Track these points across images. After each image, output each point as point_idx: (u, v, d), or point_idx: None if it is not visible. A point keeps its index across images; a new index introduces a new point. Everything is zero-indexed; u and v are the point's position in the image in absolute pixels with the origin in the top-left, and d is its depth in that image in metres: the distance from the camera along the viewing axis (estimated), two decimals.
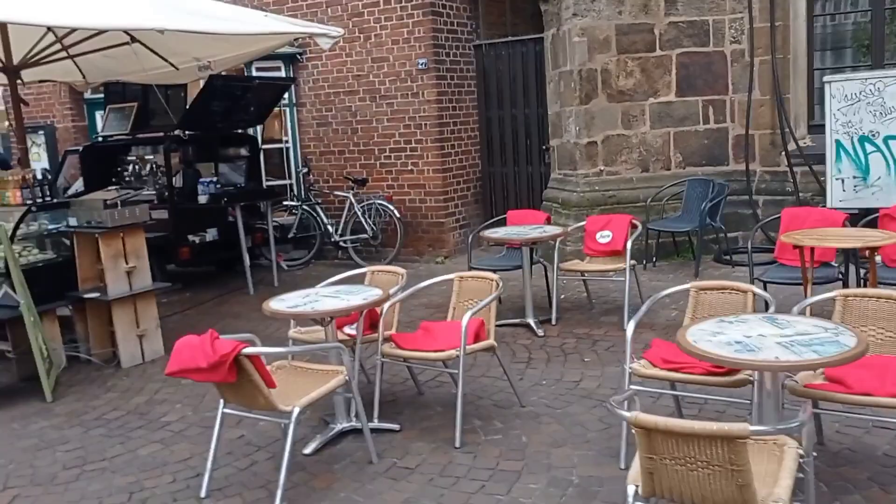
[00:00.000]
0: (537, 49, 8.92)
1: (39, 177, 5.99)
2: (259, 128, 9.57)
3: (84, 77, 8.57)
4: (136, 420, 4.76)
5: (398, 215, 8.83)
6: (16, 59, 6.82)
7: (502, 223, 7.01)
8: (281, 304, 4.08)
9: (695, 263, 7.35)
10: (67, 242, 6.07)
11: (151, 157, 8.65)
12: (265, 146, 9.64)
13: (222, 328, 6.83)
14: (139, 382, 5.49)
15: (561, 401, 4.53)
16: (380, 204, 8.93)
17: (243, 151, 9.00)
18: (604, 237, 6.30)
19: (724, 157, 8.26)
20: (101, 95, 11.69)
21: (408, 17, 8.78)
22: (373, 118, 9.22)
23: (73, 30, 6.51)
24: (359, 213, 8.98)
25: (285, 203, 9.43)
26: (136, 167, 8.76)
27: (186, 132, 8.22)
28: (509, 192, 9.44)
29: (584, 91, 8.02)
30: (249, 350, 3.33)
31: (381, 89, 9.11)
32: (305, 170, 9.39)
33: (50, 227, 6.02)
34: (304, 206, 9.39)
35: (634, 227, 6.18)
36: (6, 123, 17.43)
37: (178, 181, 8.26)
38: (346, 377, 3.72)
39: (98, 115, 11.81)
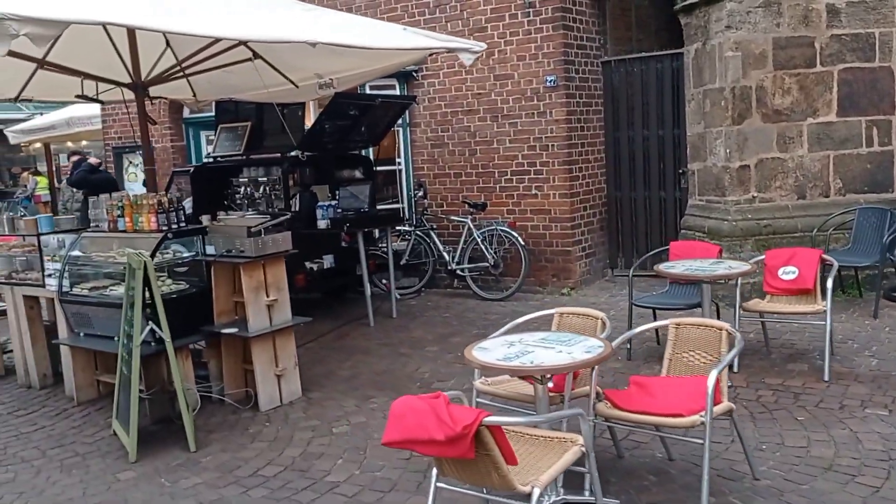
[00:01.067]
0: (675, 65, 8.27)
1: (173, 200, 5.56)
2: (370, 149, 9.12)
3: (194, 95, 8.23)
4: (298, 478, 4.21)
5: (522, 243, 8.22)
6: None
7: (659, 255, 6.35)
8: (487, 355, 3.49)
9: (875, 301, 6.56)
10: (200, 272, 5.63)
11: (264, 178, 8.22)
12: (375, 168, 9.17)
13: (356, 366, 6.40)
14: (285, 429, 4.96)
15: (799, 473, 3.83)
16: (502, 230, 8.35)
17: (358, 174, 8.54)
18: (788, 274, 5.59)
19: (888, 184, 7.47)
20: (200, 115, 11.47)
21: (536, 32, 8.23)
22: (493, 139, 8.67)
23: (209, 46, 6.11)
24: (478, 240, 8.41)
25: (397, 228, 8.92)
26: (248, 189, 8.35)
27: (304, 153, 7.78)
28: (638, 218, 8.77)
29: (737, 110, 7.33)
30: (491, 420, 2.74)
31: (503, 108, 8.56)
32: (420, 193, 8.87)
33: (185, 255, 5.58)
34: (418, 232, 8.88)
35: (826, 263, 5.45)
36: (101, 143, 17.48)
37: (294, 204, 7.82)
38: (583, 448, 3.10)
39: (204, 135, 11.58)
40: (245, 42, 5.78)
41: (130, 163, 11.84)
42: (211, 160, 8.75)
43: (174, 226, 5.48)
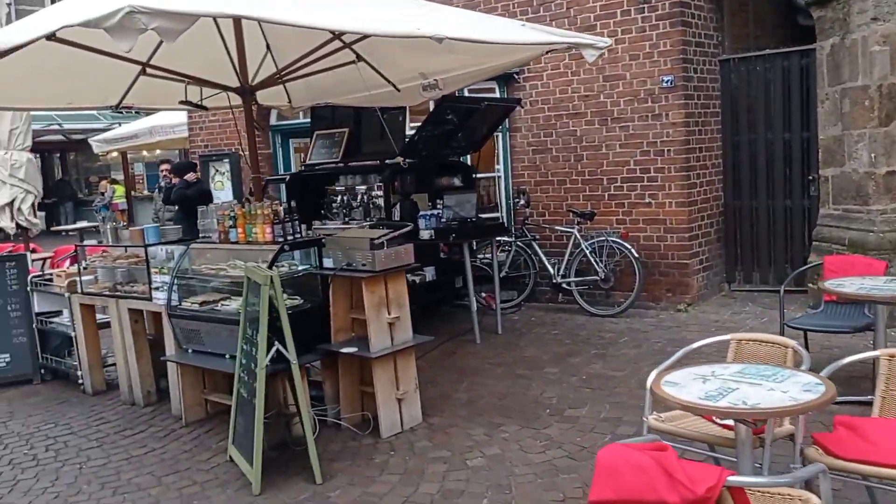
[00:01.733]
0: (803, 63, 7.63)
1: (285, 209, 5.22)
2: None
3: (290, 101, 7.94)
4: None
5: (636, 255, 7.68)
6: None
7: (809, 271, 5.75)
8: (682, 391, 3.00)
9: None
10: (314, 286, 5.28)
11: (362, 187, 7.87)
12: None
13: (472, 388, 5.82)
14: (414, 461, 4.54)
15: None
16: (613, 241, 7.82)
17: (457, 181, 8.13)
18: None
19: None
20: (287, 122, 11.26)
21: (651, 29, 7.69)
22: (602, 144, 8.16)
23: (318, 48, 5.77)
24: (587, 252, 7.89)
25: (497, 239, 8.47)
26: (345, 198, 8.01)
27: (406, 160, 7.39)
28: (759, 228, 8.13)
29: (884, 110, 6.67)
30: (736, 479, 2.25)
31: (613, 111, 8.04)
32: (522, 201, 8.40)
33: (299, 268, 5.24)
34: (518, 243, 8.41)
35: None
36: (177, 151, 17.54)
37: (394, 214, 7.45)
38: None
39: (291, 142, 11.36)
40: (367, 36, 5.39)
41: (217, 171, 11.68)
42: (305, 168, 8.45)
43: (290, 237, 5.14)
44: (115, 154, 29.79)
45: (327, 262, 5.07)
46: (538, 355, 6.61)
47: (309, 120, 8.94)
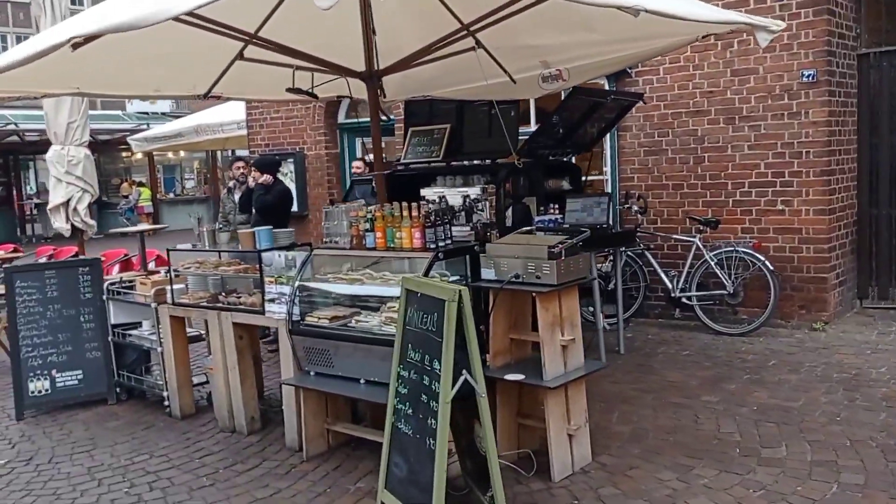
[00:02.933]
0: None
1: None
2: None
3: (383, 94, 7.20)
4: None
5: (771, 268, 6.90)
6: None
7: None
8: None
9: None
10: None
11: (464, 189, 7.12)
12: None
13: (627, 419, 4.89)
14: None
15: None
16: (745, 253, 7.04)
17: (566, 184, 7.37)
18: None
19: None
20: (355, 120, 10.54)
21: (791, 18, 6.93)
22: (728, 145, 7.39)
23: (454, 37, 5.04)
24: (711, 263, 7.12)
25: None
26: (444, 201, 7.25)
27: (522, 159, 6.64)
28: None
29: None
30: None
31: (742, 108, 7.28)
32: (636, 207, 7.63)
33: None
34: (629, 252, 7.64)
35: None
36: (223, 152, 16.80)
37: (507, 219, 6.68)
38: None
39: (358, 141, 10.64)
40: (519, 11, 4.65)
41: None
42: (398, 168, 7.70)
43: (442, 243, 4.39)
44: (140, 156, 29.36)
45: (487, 274, 4.31)
46: (684, 380, 5.83)
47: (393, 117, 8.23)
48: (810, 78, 6.90)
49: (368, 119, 10.21)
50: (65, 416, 5.90)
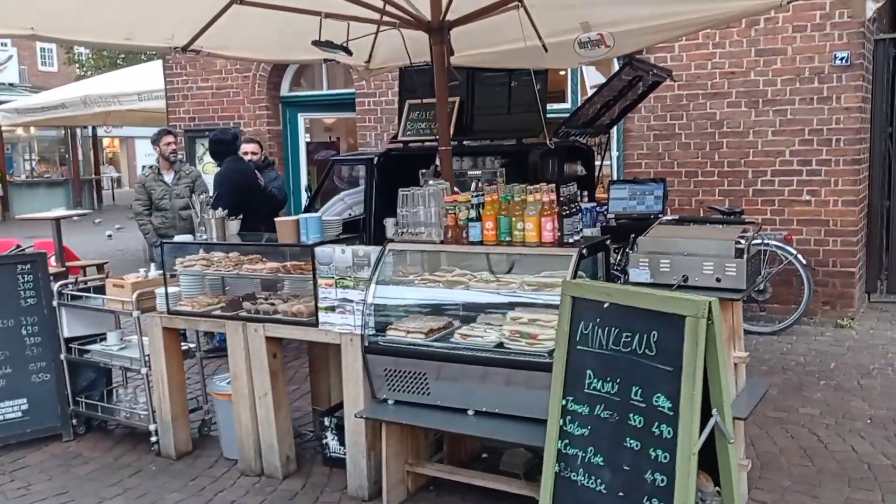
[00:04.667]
0: None
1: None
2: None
3: (370, 58, 6.16)
4: None
5: (804, 261, 6.47)
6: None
7: None
8: None
9: None
10: None
11: (477, 172, 6.20)
12: None
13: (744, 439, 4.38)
14: None
15: None
16: (776, 246, 6.57)
17: (580, 168, 6.62)
18: None
19: None
20: (298, 94, 9.29)
21: None
22: (749, 130, 6.90)
23: None
24: None
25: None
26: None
27: (553, 139, 5.81)
28: None
29: None
30: None
31: (767, 91, 6.79)
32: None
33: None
34: None
35: None
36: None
37: None
38: None
39: (301, 118, 9.37)
40: None
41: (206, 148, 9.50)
42: (393, 146, 6.65)
43: (577, 236, 3.47)
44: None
45: (638, 275, 3.44)
46: None
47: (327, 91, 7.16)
48: (844, 61, 6.50)
49: (315, 92, 9.08)
50: (9, 461, 4.47)
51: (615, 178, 7.48)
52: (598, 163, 6.75)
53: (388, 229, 5.34)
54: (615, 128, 7.39)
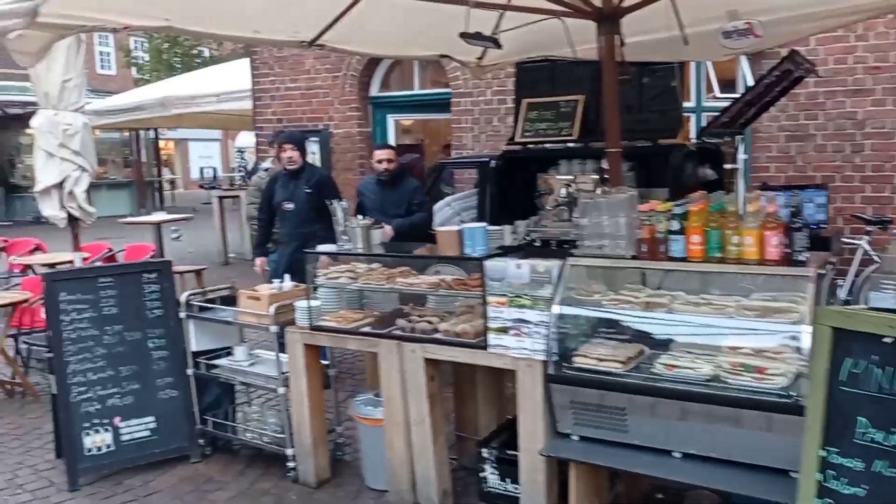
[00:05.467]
0: None
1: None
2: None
3: (482, 56, 5.81)
4: None
5: None
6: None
7: None
8: None
9: None
10: None
11: (601, 176, 5.79)
12: None
13: None
14: None
15: None
16: None
17: (710, 173, 6.16)
18: None
19: None
20: (389, 94, 8.98)
21: None
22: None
23: None
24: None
25: None
26: (570, 190, 5.90)
27: (698, 140, 5.39)
28: None
29: None
30: None
31: None
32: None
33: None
34: None
35: None
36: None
37: None
38: None
39: (391, 119, 9.06)
40: None
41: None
42: (510, 149, 6.27)
43: (806, 253, 3.04)
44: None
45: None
46: None
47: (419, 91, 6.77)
48: None
49: (406, 92, 8.74)
50: (139, 484, 4.21)
51: (741, 182, 7.00)
52: (727, 166, 6.30)
53: (505, 237, 4.97)
54: None
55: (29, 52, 3.52)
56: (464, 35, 4.21)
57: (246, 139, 42.97)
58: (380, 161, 5.67)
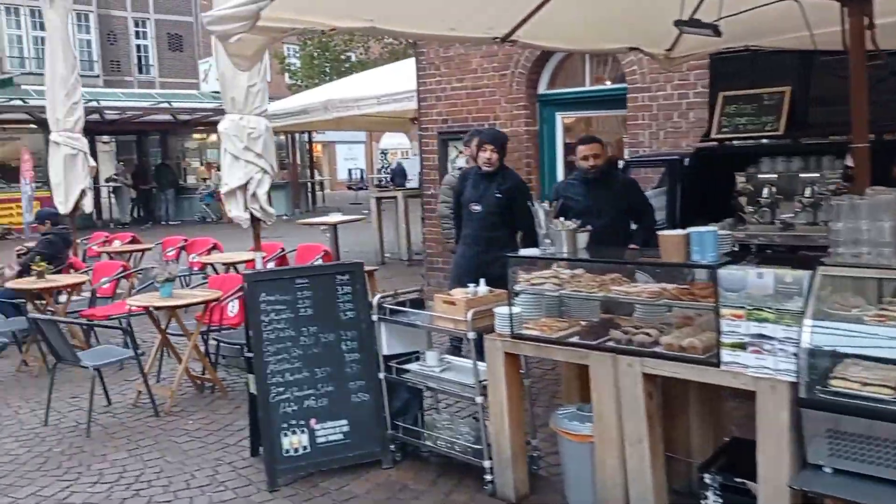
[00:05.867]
0: None
1: None
2: None
3: (673, 45, 5.42)
4: None
5: None
6: None
7: None
8: None
9: None
10: None
11: (815, 174, 5.27)
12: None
13: None
14: None
15: None
16: None
17: None
18: None
19: None
20: (558, 91, 8.70)
21: None
22: None
23: None
24: None
25: None
26: (772, 190, 5.40)
27: None
28: None
29: None
30: None
31: None
32: None
33: None
34: None
35: None
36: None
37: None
38: None
39: (559, 117, 8.79)
40: None
41: (461, 153, 9.16)
42: (705, 145, 5.86)
43: None
44: (214, 138, 27.82)
45: None
46: None
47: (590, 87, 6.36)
48: None
49: (576, 89, 8.39)
50: (334, 488, 4.17)
51: None
52: None
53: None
54: None
55: (245, 55, 3.53)
56: (679, 23, 3.90)
57: (389, 141, 44.01)
58: (584, 157, 5.18)
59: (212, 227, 20.34)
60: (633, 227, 5.40)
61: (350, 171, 36.95)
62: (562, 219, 3.98)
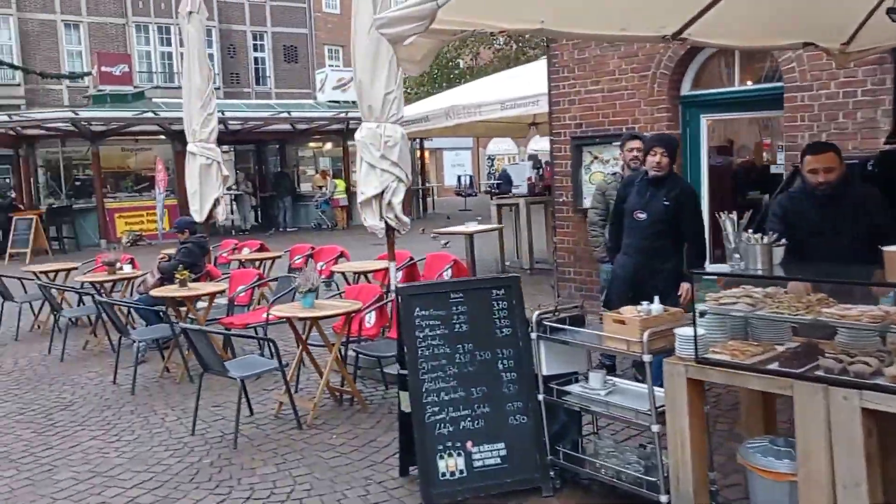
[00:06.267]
0: None
1: None
2: None
3: (850, 38, 4.90)
4: None
5: None
6: None
7: None
8: None
9: None
10: None
11: None
12: None
13: None
14: None
15: None
16: None
17: None
18: None
19: None
20: (702, 92, 8.20)
21: None
22: None
23: None
24: None
25: None
26: None
27: None
28: None
29: None
30: None
31: None
32: None
33: None
34: None
35: None
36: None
37: None
38: None
39: (704, 119, 8.28)
40: None
41: (596, 158, 8.81)
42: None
43: None
44: (329, 146, 28.40)
45: None
46: None
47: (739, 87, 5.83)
48: None
49: (724, 90, 7.87)
50: None
51: None
52: None
53: None
54: None
55: (414, 59, 3.35)
56: (891, 11, 3.45)
57: (497, 147, 43.67)
58: (813, 171, 4.16)
59: (327, 233, 20.69)
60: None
61: (459, 177, 36.91)
62: (755, 234, 3.58)
